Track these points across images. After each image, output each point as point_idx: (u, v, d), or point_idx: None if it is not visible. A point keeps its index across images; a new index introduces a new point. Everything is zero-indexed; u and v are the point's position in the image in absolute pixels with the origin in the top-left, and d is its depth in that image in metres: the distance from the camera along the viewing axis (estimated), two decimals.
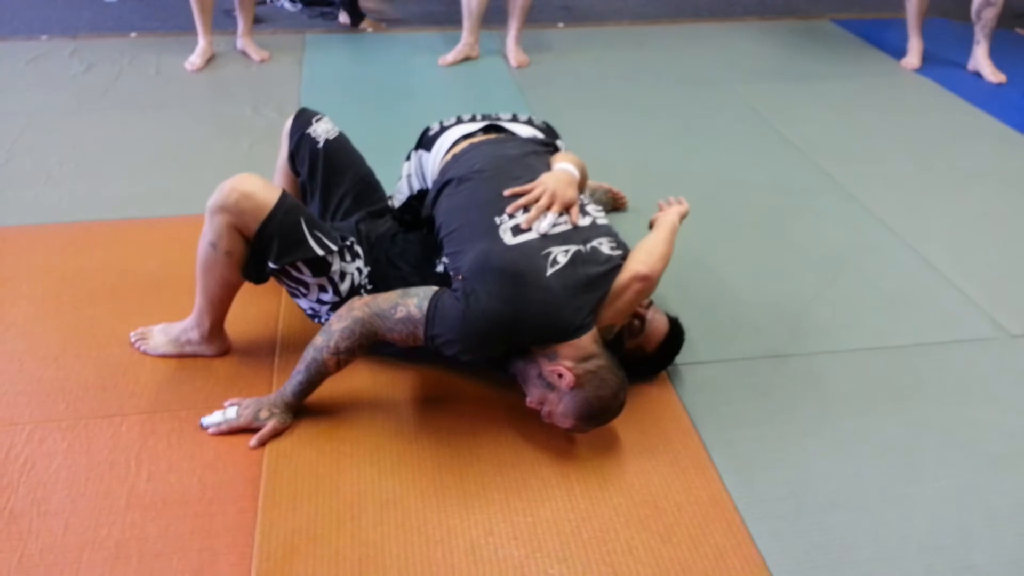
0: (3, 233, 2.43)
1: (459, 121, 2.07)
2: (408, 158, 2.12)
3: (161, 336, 1.97)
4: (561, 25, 4.37)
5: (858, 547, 1.55)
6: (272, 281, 1.87)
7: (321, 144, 2.05)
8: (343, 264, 1.83)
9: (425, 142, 2.05)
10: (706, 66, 3.88)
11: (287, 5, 4.45)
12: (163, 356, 1.95)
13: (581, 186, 1.87)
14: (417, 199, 2.07)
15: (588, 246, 1.70)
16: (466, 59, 3.84)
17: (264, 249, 1.75)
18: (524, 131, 2.05)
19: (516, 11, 3.78)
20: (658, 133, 3.19)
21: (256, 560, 1.49)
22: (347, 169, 2.08)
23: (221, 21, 3.83)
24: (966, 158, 3.06)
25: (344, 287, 1.84)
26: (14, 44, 3.85)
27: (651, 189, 2.76)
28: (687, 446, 1.76)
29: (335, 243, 1.81)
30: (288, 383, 1.75)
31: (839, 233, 2.56)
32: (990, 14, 3.66)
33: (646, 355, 1.86)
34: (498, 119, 2.08)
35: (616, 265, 1.70)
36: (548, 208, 1.73)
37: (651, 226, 1.85)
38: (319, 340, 1.69)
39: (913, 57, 3.86)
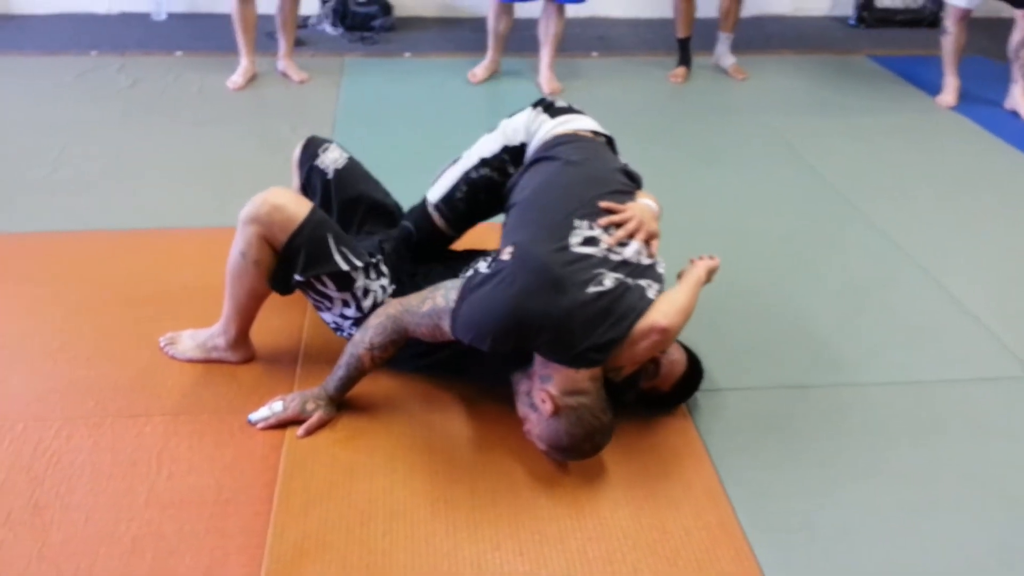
0: (46, 238, 2.52)
1: (579, 110, 2.07)
2: (516, 113, 2.07)
3: (189, 341, 2.03)
4: (595, 54, 4.42)
5: None
6: (298, 295, 1.91)
7: (331, 175, 2.07)
8: (367, 281, 1.86)
9: (551, 109, 2.01)
10: (739, 97, 3.90)
11: (328, 29, 4.57)
12: (190, 361, 2.00)
13: None
14: (512, 152, 2.00)
15: (635, 283, 1.67)
16: (492, 74, 3.97)
17: (291, 261, 1.80)
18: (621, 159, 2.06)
19: (549, 39, 3.86)
20: (689, 162, 3.22)
21: (266, 562, 1.52)
22: (359, 196, 2.09)
23: (264, 43, 3.94)
24: (998, 196, 3.03)
25: (367, 304, 1.87)
26: (64, 59, 3.99)
27: (680, 217, 2.77)
28: (699, 472, 1.76)
29: (361, 259, 1.85)
30: (330, 379, 1.81)
31: (865, 266, 2.55)
32: None
33: (662, 393, 1.85)
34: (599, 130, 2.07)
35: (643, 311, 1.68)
36: (632, 235, 1.73)
37: (679, 278, 1.83)
38: (356, 337, 1.76)
39: (949, 94, 3.84)
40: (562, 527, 1.61)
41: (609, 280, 1.63)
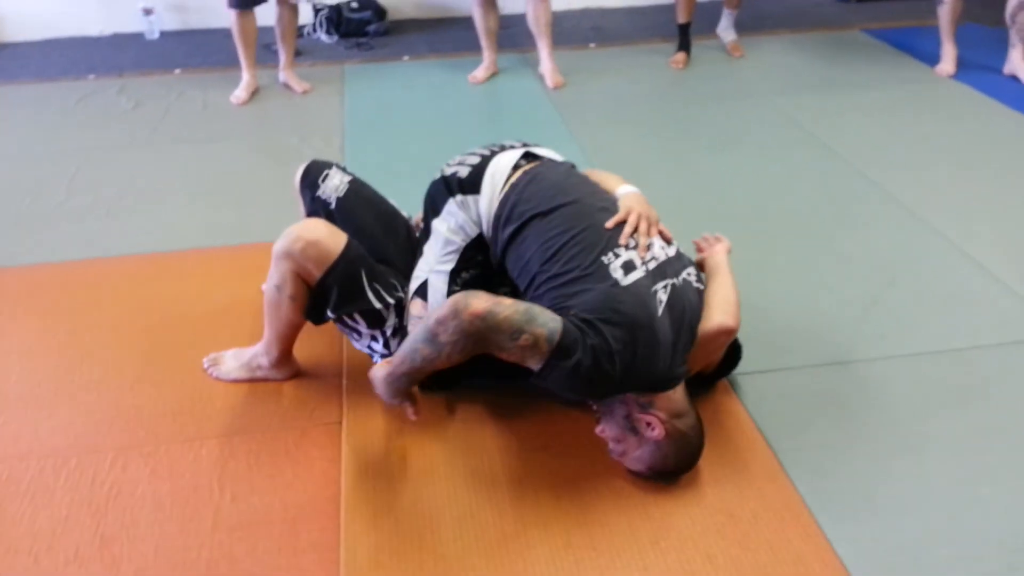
0: (71, 267, 2.51)
1: (484, 154, 1.88)
2: (436, 214, 1.85)
3: (233, 361, 2.02)
4: (593, 45, 4.43)
5: (936, 548, 1.55)
6: None
7: (334, 206, 1.97)
8: (397, 320, 1.85)
9: (464, 186, 1.83)
10: (742, 79, 3.91)
11: (324, 38, 4.55)
12: (235, 381, 2.00)
13: None
14: (475, 245, 1.85)
15: (680, 279, 1.68)
16: (492, 75, 3.95)
17: (324, 297, 1.79)
18: (546, 152, 1.95)
19: (541, 29, 3.86)
20: (700, 148, 3.23)
21: (343, 575, 1.52)
22: (365, 219, 1.97)
23: (261, 56, 3.92)
24: (1009, 161, 3.06)
25: (395, 343, 1.85)
26: (62, 84, 3.97)
27: (699, 204, 2.80)
28: (756, 454, 1.77)
29: (392, 296, 1.82)
30: (397, 374, 1.65)
31: (889, 239, 2.57)
32: None
33: (704, 374, 1.87)
34: (512, 147, 1.92)
35: (701, 298, 1.70)
36: (648, 233, 1.71)
37: (701, 267, 1.85)
38: (428, 351, 1.56)
39: (948, 63, 3.86)
40: (630, 519, 1.62)
41: (662, 292, 1.63)
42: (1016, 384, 1.96)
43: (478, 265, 1.85)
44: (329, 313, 1.80)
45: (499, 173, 1.81)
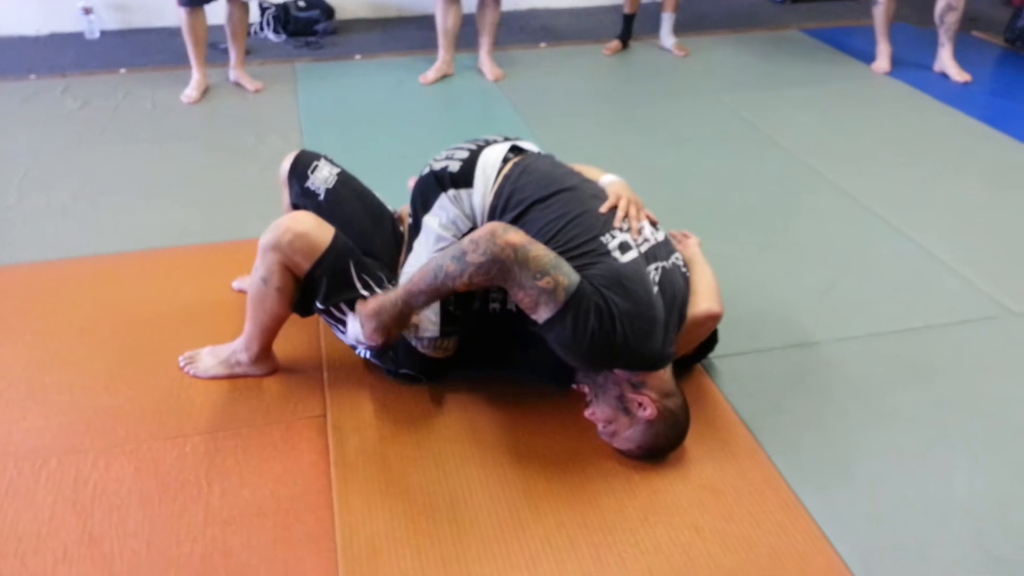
0: (31, 269, 2.44)
1: (472, 148, 1.88)
2: (427, 210, 1.85)
3: (210, 359, 2.01)
4: (543, 44, 4.49)
5: (908, 514, 1.65)
6: None
7: (322, 197, 1.97)
8: None
9: (457, 179, 1.83)
10: (688, 78, 4.02)
11: (271, 36, 4.51)
12: (213, 378, 1.99)
13: None
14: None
15: (670, 263, 1.74)
16: (444, 76, 3.98)
17: (313, 289, 1.80)
18: (529, 146, 1.98)
19: (486, 28, 3.95)
20: (654, 143, 3.31)
21: (342, 563, 1.53)
22: (354, 212, 1.99)
23: (210, 55, 3.87)
24: (945, 151, 3.23)
25: None
26: (3, 84, 3.84)
27: (658, 198, 2.86)
28: (733, 432, 1.85)
29: (380, 286, 1.83)
30: (405, 299, 1.66)
31: (839, 228, 2.69)
32: (952, 18, 3.87)
33: (682, 358, 1.92)
34: (496, 141, 1.93)
35: (687, 284, 1.78)
36: (638, 217, 1.76)
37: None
38: (452, 267, 1.57)
39: (883, 61, 4.05)
40: (619, 498, 1.67)
41: (654, 274, 1.69)
42: (968, 360, 2.09)
43: None
44: (318, 304, 1.81)
45: (490, 166, 1.82)
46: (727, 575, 1.52)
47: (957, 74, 3.92)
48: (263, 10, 4.50)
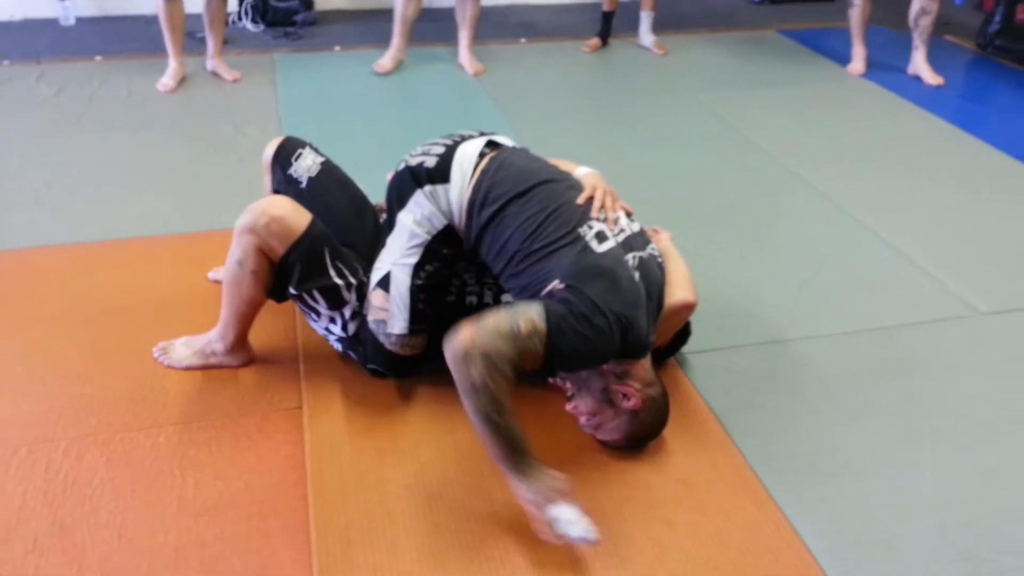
0: (5, 256, 2.41)
1: (447, 144, 1.86)
2: (402, 206, 1.83)
3: (184, 349, 1.99)
4: (523, 40, 4.49)
5: (876, 509, 1.68)
6: None
7: (304, 184, 1.97)
8: (357, 303, 1.85)
9: (433, 175, 1.81)
10: (667, 77, 4.05)
11: (249, 26, 4.47)
12: (188, 368, 1.97)
13: None
14: (440, 239, 1.82)
15: (646, 252, 1.77)
16: (398, 63, 3.97)
17: (287, 274, 1.79)
18: (504, 140, 1.95)
19: (466, 22, 3.96)
20: (632, 141, 3.33)
21: (316, 554, 1.53)
22: (335, 202, 1.98)
23: (187, 44, 3.83)
24: (919, 154, 3.28)
25: (352, 327, 1.87)
26: None
27: (636, 195, 2.87)
28: (706, 428, 1.87)
29: (355, 276, 1.83)
30: (511, 460, 1.55)
31: (814, 228, 2.72)
32: (926, 21, 3.92)
33: (655, 349, 1.95)
34: (471, 136, 1.91)
35: (663, 274, 1.80)
36: (613, 208, 1.79)
37: None
38: (484, 403, 1.51)
39: (858, 63, 4.10)
40: (593, 490, 1.68)
41: (632, 261, 1.70)
42: (938, 359, 2.12)
43: (440, 258, 1.84)
44: (291, 290, 1.80)
45: (467, 161, 1.81)
46: (698, 568, 1.54)
47: (930, 77, 3.97)
48: (241, 0, 4.46)
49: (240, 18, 4.49)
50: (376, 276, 1.84)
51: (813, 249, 2.59)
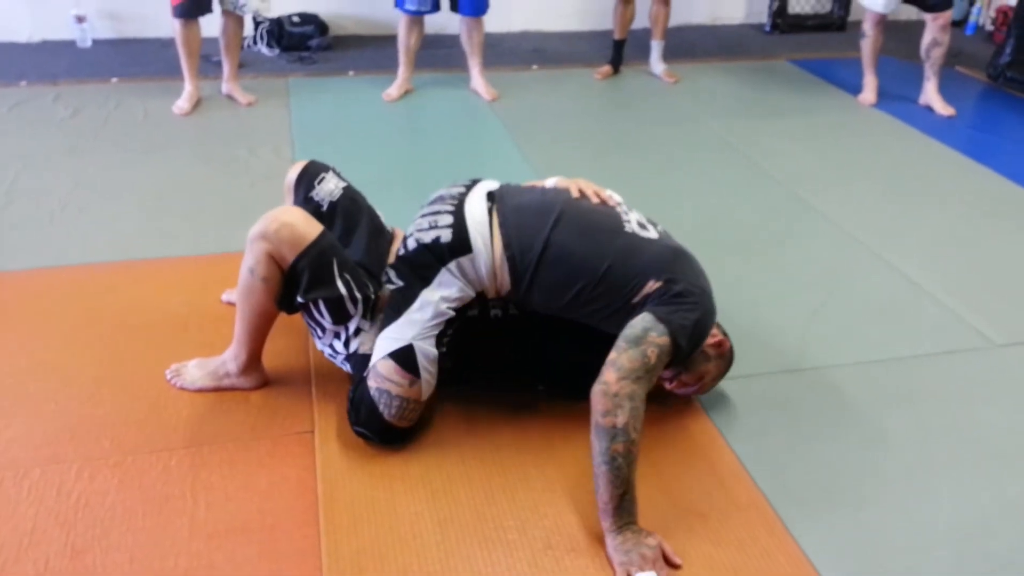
0: (16, 276, 2.42)
1: (449, 210, 1.82)
2: (426, 283, 1.78)
3: (197, 371, 2.00)
4: (535, 67, 4.53)
5: (892, 539, 1.66)
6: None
7: (325, 208, 2.00)
8: (362, 321, 1.84)
9: (455, 249, 1.77)
10: (678, 105, 4.07)
11: (264, 51, 4.52)
12: (200, 390, 1.97)
13: None
14: (466, 308, 1.83)
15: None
16: (406, 92, 4.01)
17: (295, 281, 1.79)
18: (490, 183, 1.95)
19: (474, 48, 4.01)
20: (643, 167, 3.34)
21: None
22: (353, 227, 2.01)
23: (202, 67, 3.87)
24: (930, 183, 3.28)
25: (354, 344, 1.85)
26: None
27: None
28: (720, 457, 1.86)
29: (362, 292, 1.82)
30: (617, 513, 1.58)
31: (825, 256, 2.72)
32: (938, 53, 3.94)
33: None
34: (461, 193, 1.88)
35: None
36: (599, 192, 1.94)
37: None
38: (620, 447, 1.56)
39: (869, 93, 4.12)
40: None
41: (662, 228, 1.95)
42: (954, 389, 2.11)
43: (463, 320, 1.84)
44: (299, 298, 1.79)
45: (481, 225, 1.79)
46: None
47: (942, 108, 3.99)
48: (257, 24, 4.52)
49: (255, 42, 4.54)
50: (390, 346, 1.78)
51: (825, 277, 2.59)
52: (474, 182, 1.93)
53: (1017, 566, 1.61)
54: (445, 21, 4.55)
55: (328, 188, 2.03)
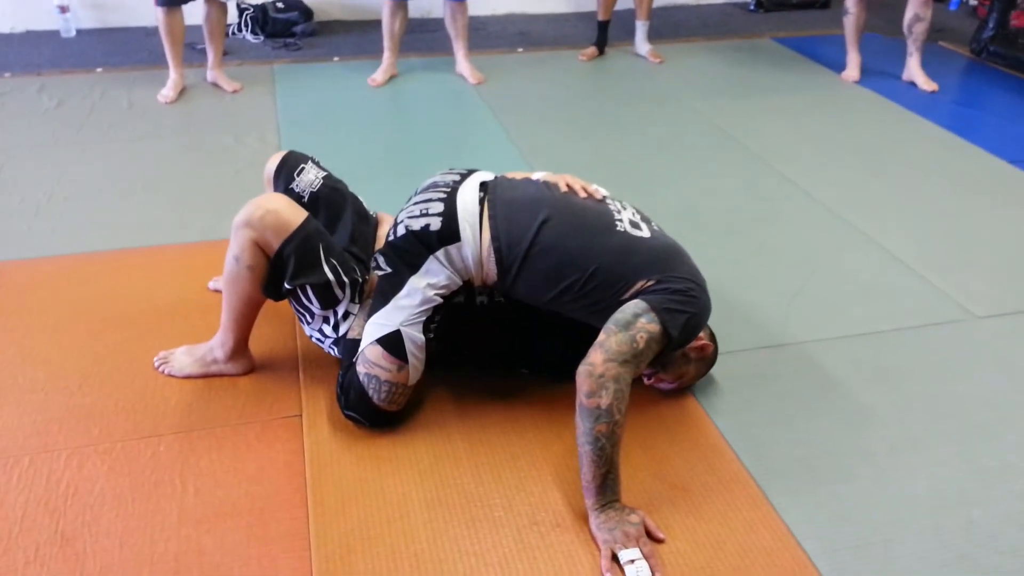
0: (3, 267, 2.42)
1: (441, 198, 1.81)
2: (414, 270, 1.77)
3: (185, 357, 2.01)
4: (520, 50, 4.52)
5: (872, 512, 1.69)
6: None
7: (307, 199, 1.99)
8: (350, 305, 1.86)
9: (443, 237, 1.76)
10: (663, 85, 4.07)
11: (249, 37, 4.50)
12: (188, 377, 1.99)
13: None
14: (453, 295, 1.83)
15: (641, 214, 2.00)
16: (391, 77, 4.00)
17: (281, 268, 1.81)
18: (483, 174, 1.94)
19: (459, 32, 4.00)
20: (628, 148, 3.35)
21: (315, 561, 1.54)
22: (335, 217, 2.01)
23: (187, 55, 3.86)
24: (913, 159, 3.30)
25: (344, 328, 1.87)
26: None
27: (631, 202, 2.91)
28: (704, 432, 1.88)
29: (349, 276, 1.83)
30: (600, 492, 1.61)
31: (809, 233, 2.74)
32: (920, 28, 3.95)
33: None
34: (455, 180, 1.88)
35: None
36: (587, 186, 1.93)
37: None
38: (604, 428, 1.57)
39: (853, 70, 4.13)
40: None
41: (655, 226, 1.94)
42: (934, 362, 2.14)
43: (450, 307, 1.85)
44: (285, 285, 1.80)
45: (471, 215, 1.78)
46: (695, 572, 1.55)
47: (925, 83, 4.00)
48: (241, 11, 4.50)
49: (240, 29, 4.52)
50: (378, 331, 1.78)
51: (808, 254, 2.61)
52: (470, 171, 1.92)
53: (997, 536, 1.64)
54: (429, 5, 4.59)
55: (308, 179, 2.03)
